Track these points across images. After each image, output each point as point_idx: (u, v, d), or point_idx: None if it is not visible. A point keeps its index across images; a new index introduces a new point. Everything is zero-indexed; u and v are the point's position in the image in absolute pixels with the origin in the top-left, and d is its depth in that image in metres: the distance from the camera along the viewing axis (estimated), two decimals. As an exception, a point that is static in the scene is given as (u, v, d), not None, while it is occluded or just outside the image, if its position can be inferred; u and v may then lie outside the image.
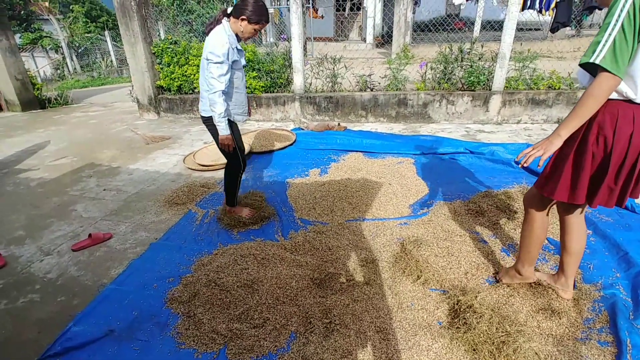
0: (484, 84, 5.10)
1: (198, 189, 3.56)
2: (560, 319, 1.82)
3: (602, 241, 2.40)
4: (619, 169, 1.46)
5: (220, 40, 2.33)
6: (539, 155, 1.51)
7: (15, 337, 1.94)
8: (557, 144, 1.49)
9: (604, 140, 1.45)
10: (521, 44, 5.80)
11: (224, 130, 2.52)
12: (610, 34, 1.30)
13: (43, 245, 2.79)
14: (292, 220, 2.90)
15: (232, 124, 2.63)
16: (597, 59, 1.32)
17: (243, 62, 2.61)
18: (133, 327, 1.94)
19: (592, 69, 1.40)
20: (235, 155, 2.72)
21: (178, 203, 3.31)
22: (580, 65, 1.41)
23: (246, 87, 2.79)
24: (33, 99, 8.19)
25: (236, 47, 2.48)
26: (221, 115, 2.45)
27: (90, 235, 2.79)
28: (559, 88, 4.93)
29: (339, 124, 5.11)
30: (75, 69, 15.28)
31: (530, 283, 2.01)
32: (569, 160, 1.55)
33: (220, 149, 2.69)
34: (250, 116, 3.11)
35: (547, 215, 1.82)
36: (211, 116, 2.54)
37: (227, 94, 2.53)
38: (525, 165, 1.56)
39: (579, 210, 1.74)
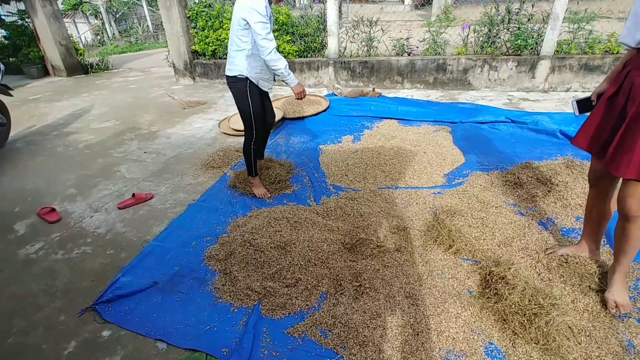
0: (531, 48, 4.74)
1: (233, 153, 3.64)
2: (597, 295, 1.77)
3: (652, 218, 2.26)
4: None
5: None
6: None
7: (73, 284, 2.15)
8: None
9: None
10: (577, 3, 5.28)
11: (293, 80, 2.50)
12: None
13: (92, 203, 2.99)
14: (325, 186, 2.93)
15: (258, 90, 2.57)
16: None
17: (272, 25, 2.51)
18: (174, 280, 2.08)
19: None
20: (249, 124, 2.64)
21: (214, 166, 3.42)
22: None
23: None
24: (77, 64, 8.53)
25: (268, 6, 2.39)
26: (286, 68, 2.41)
27: (133, 195, 2.96)
28: (617, 52, 4.50)
29: (373, 90, 4.97)
30: (114, 34, 15.62)
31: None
32: None
33: (242, 117, 2.64)
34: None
35: None
36: (235, 76, 2.48)
37: (255, 56, 2.43)
38: None
39: None
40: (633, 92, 1.41)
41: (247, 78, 2.49)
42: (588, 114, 1.73)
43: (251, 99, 2.55)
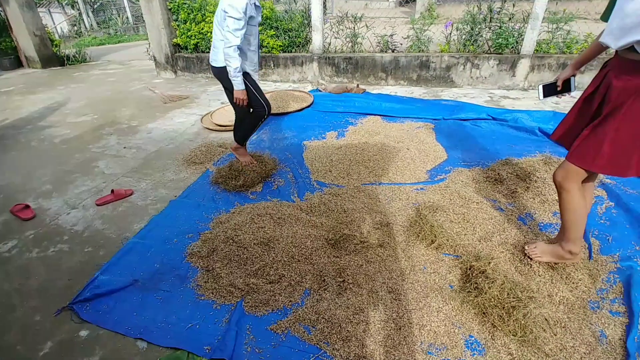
0: (512, 47, 4.83)
1: (215, 148, 3.59)
2: (573, 289, 1.82)
3: (624, 214, 2.34)
4: None
5: None
6: None
7: (49, 283, 2.08)
8: None
9: None
10: (556, 4, 5.41)
11: (239, 85, 2.53)
12: None
13: (69, 200, 2.90)
14: (308, 182, 2.92)
15: (246, 76, 2.63)
16: None
17: (259, 19, 2.54)
18: (155, 278, 2.04)
19: None
20: (259, 103, 2.72)
21: (196, 162, 3.36)
22: None
23: (260, 46, 2.74)
24: (52, 55, 8.23)
25: (254, 3, 2.40)
26: (237, 70, 2.44)
27: (112, 191, 2.89)
28: (593, 52, 4.63)
29: (357, 86, 4.98)
30: (91, 25, 15.11)
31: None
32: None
33: (234, 102, 2.70)
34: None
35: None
36: (222, 67, 2.54)
37: (241, 50, 2.49)
38: None
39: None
40: (609, 93, 1.45)
41: None
42: (551, 97, 1.89)
43: (246, 78, 2.63)
